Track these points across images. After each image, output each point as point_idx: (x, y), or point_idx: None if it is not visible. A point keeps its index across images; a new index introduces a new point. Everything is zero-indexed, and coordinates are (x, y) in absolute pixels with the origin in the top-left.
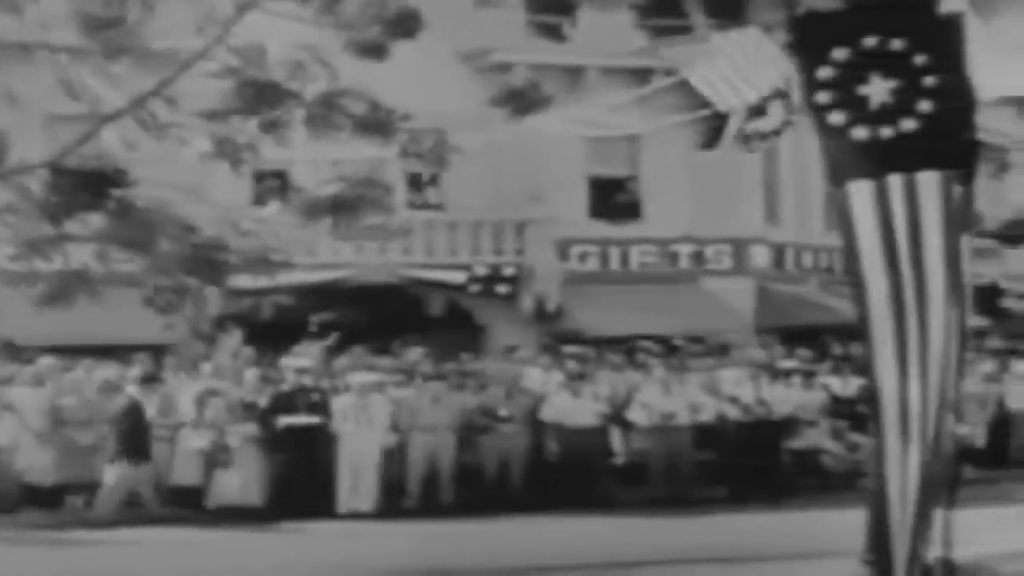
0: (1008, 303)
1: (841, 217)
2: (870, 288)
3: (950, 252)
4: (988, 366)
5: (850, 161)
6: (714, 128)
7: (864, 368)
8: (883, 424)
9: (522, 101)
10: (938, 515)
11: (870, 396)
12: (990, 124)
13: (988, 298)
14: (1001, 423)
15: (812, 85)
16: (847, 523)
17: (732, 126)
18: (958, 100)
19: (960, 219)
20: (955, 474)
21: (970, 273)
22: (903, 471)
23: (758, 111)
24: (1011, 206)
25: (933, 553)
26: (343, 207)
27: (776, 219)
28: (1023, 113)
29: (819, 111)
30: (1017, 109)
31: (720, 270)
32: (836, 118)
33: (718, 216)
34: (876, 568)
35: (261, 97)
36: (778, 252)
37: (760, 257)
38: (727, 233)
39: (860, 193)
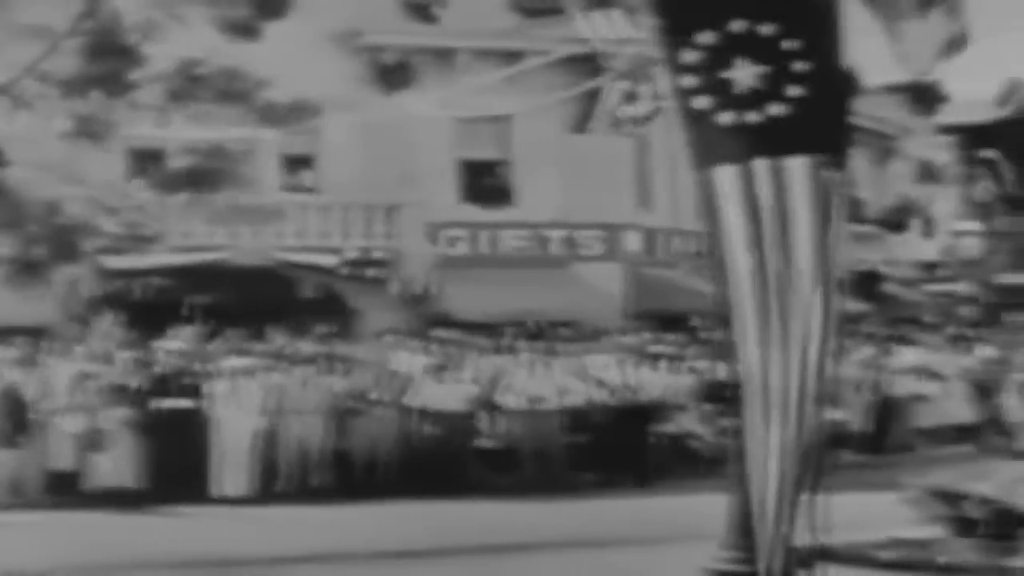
0: (889, 288)
1: (706, 202)
2: (734, 273)
3: (818, 237)
4: (868, 352)
5: (715, 146)
6: (585, 112)
7: (728, 353)
8: (747, 409)
9: (392, 80)
10: (806, 499)
11: (734, 380)
12: (875, 111)
13: (869, 284)
14: (884, 408)
15: (677, 69)
16: (715, 507)
17: (602, 110)
18: (830, 86)
19: (830, 205)
20: (823, 458)
21: (847, 258)
22: (766, 455)
23: (629, 96)
24: (894, 193)
25: (801, 538)
26: (199, 180)
27: (648, 204)
28: (908, 101)
29: (684, 95)
30: (902, 97)
31: (591, 255)
32: (701, 102)
33: (590, 201)
34: (739, 552)
35: (116, 62)
36: (649, 237)
37: (631, 242)
38: (599, 218)
39: (725, 178)
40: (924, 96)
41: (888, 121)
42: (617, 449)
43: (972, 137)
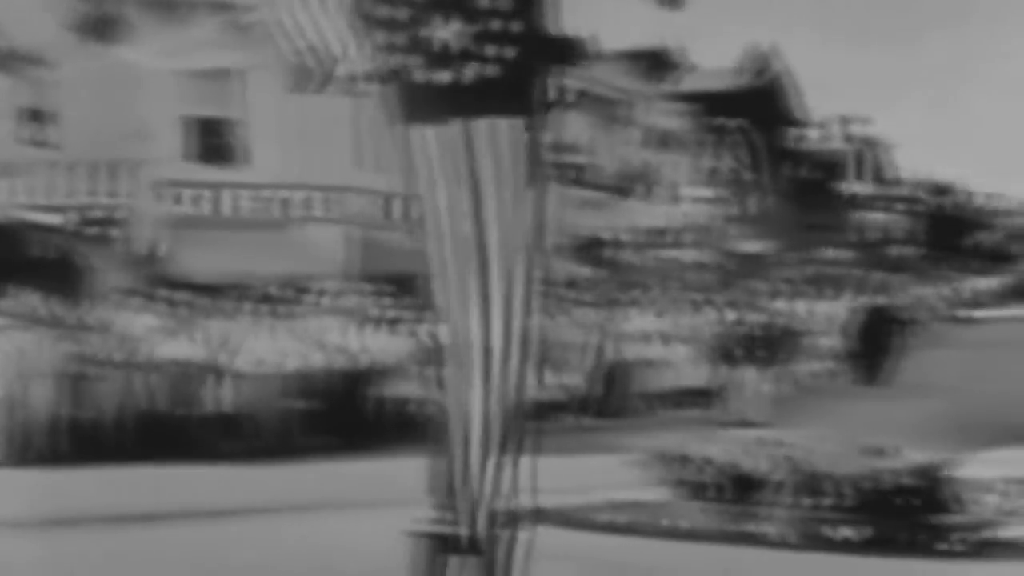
0: (619, 254)
1: (407, 162)
2: (436, 235)
3: (520, 200)
4: (595, 316)
5: (416, 105)
6: (305, 71)
7: (435, 315)
8: (449, 371)
9: (103, 32)
10: (513, 462)
11: (440, 342)
12: (604, 78)
13: (598, 248)
14: (612, 373)
15: (378, 25)
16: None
17: (321, 69)
18: (534, 47)
19: (532, 167)
20: (529, 422)
21: (566, 222)
22: (468, 417)
23: (345, 54)
24: (621, 159)
25: (507, 501)
26: None
27: (370, 166)
28: (641, 67)
29: (390, 53)
30: (631, 63)
31: (315, 216)
32: (407, 61)
33: (314, 162)
34: (443, 514)
35: None
36: (374, 200)
37: (354, 204)
38: (323, 180)
39: (423, 138)
40: (657, 63)
41: (616, 87)
42: (340, 413)
43: (708, 105)
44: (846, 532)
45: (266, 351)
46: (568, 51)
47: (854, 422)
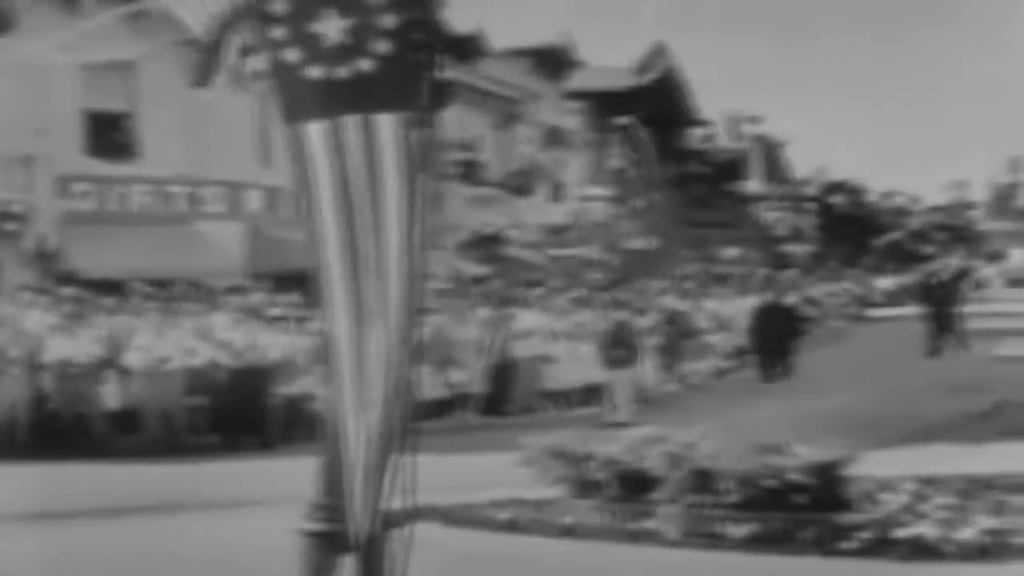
0: (513, 251)
1: (296, 159)
2: (322, 232)
3: (409, 196)
4: (490, 314)
5: (304, 101)
6: (206, 65)
7: (323, 314)
8: (338, 369)
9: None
10: (399, 460)
11: (326, 342)
12: (501, 75)
13: (492, 246)
14: (506, 370)
15: (266, 19)
16: None
17: (222, 63)
18: (419, 42)
19: (419, 164)
20: (413, 420)
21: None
22: (353, 415)
23: (246, 49)
24: (518, 156)
25: (395, 499)
26: None
27: (270, 162)
28: (537, 65)
29: (274, 47)
30: (529, 62)
31: (215, 213)
32: (291, 55)
33: (213, 158)
34: (330, 512)
35: None
36: (271, 196)
37: (254, 201)
38: (221, 175)
39: (315, 134)
40: (553, 61)
41: (514, 85)
42: (236, 411)
43: (605, 103)
44: (735, 529)
45: (162, 348)
46: (458, 47)
47: (749, 420)
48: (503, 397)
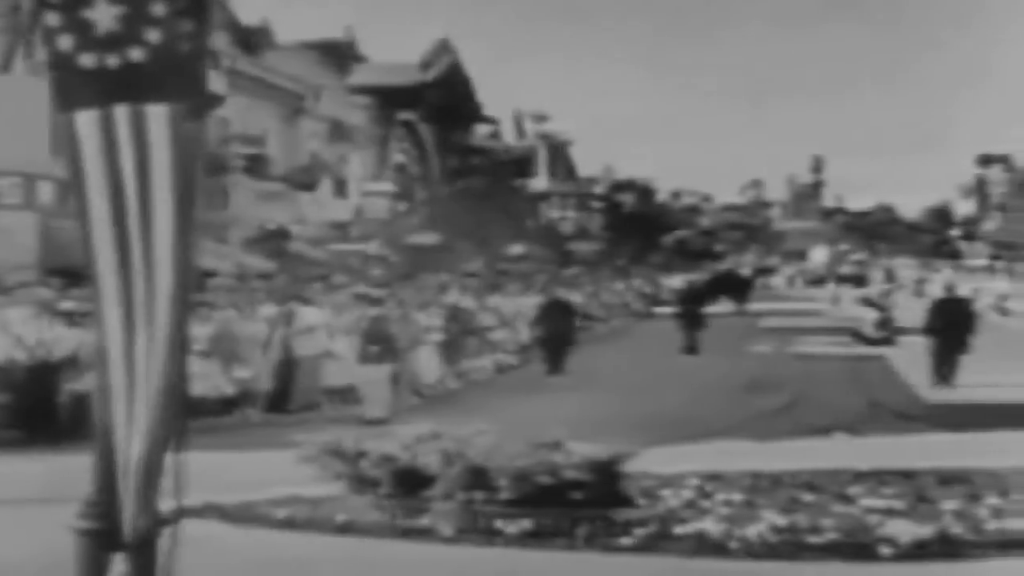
0: (297, 247)
1: (69, 148)
2: (96, 224)
3: (180, 188)
4: (273, 310)
5: (77, 89)
6: (8, 50)
7: (90, 310)
8: (107, 365)
9: None
10: (172, 459)
11: (96, 338)
12: (289, 69)
13: (277, 241)
14: (289, 367)
15: (42, 7)
16: None
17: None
18: (187, 32)
19: (191, 155)
20: (185, 419)
21: (250, 215)
22: (124, 413)
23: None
24: (304, 151)
25: (169, 497)
26: None
27: (61, 153)
28: (321, 59)
29: (48, 35)
30: (315, 55)
31: (9, 204)
32: (63, 43)
33: (7, 147)
34: (103, 510)
35: None
36: (64, 188)
37: (45, 193)
38: (15, 166)
39: (87, 123)
40: (338, 55)
41: (300, 79)
42: (31, 407)
43: (389, 98)
44: (509, 526)
45: None
46: (244, 39)
47: (528, 417)
48: (285, 394)
